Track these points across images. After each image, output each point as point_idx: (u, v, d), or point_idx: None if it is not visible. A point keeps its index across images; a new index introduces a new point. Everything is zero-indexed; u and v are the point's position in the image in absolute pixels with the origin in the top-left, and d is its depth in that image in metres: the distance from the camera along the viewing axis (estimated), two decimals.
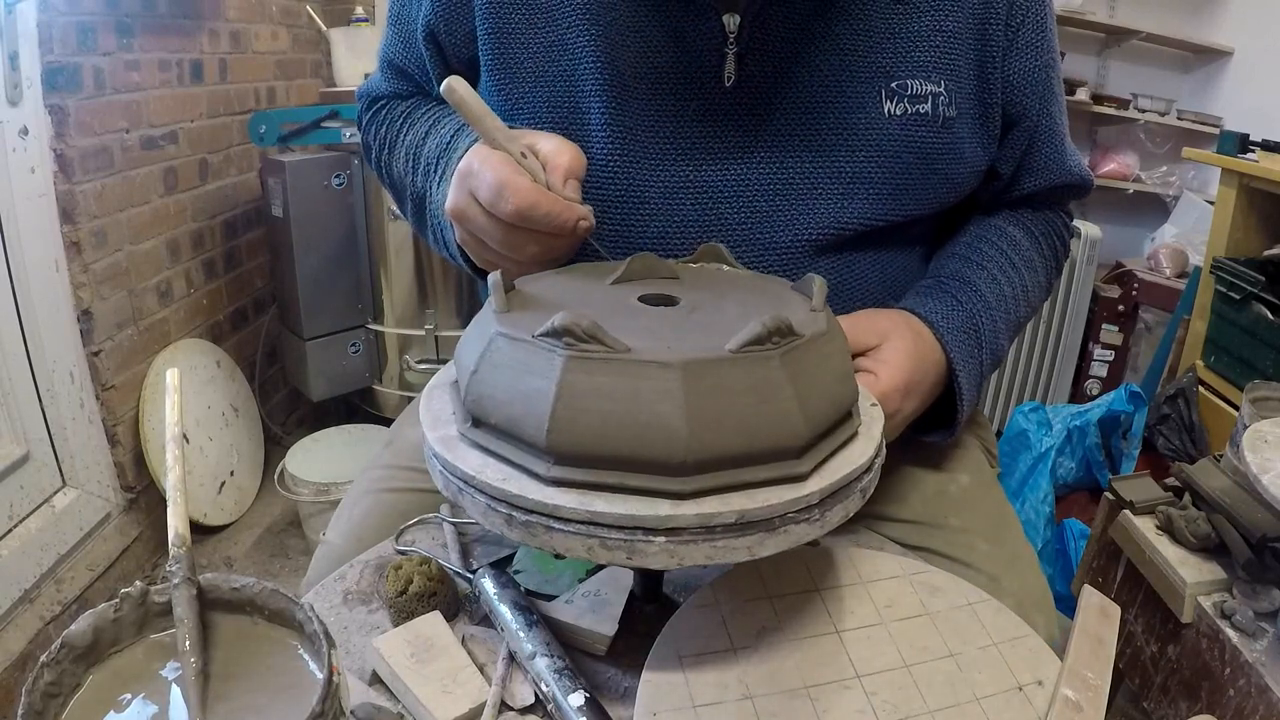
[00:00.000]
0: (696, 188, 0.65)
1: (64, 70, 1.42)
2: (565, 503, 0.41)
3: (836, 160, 0.65)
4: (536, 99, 0.66)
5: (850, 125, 0.64)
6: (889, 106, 0.64)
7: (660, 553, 0.41)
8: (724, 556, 0.42)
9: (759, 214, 0.65)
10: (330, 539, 0.72)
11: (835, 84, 0.64)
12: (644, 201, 0.65)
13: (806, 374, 0.44)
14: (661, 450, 0.41)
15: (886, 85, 0.64)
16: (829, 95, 0.64)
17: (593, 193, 0.63)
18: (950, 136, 0.66)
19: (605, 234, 0.64)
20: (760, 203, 0.65)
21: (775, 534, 0.42)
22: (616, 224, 0.65)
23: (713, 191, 0.65)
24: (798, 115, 0.64)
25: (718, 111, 0.63)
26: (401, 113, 0.77)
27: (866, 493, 0.47)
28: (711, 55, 0.62)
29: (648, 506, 0.41)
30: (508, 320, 0.46)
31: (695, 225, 0.65)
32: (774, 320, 0.43)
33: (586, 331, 0.42)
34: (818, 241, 0.66)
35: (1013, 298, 0.71)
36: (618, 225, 0.65)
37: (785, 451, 0.43)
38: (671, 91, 0.63)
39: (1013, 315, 0.71)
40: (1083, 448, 1.66)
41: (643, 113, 0.64)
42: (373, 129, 0.80)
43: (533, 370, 0.43)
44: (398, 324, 1.97)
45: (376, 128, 0.79)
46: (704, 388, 0.41)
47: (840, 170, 0.65)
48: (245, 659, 0.42)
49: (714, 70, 0.63)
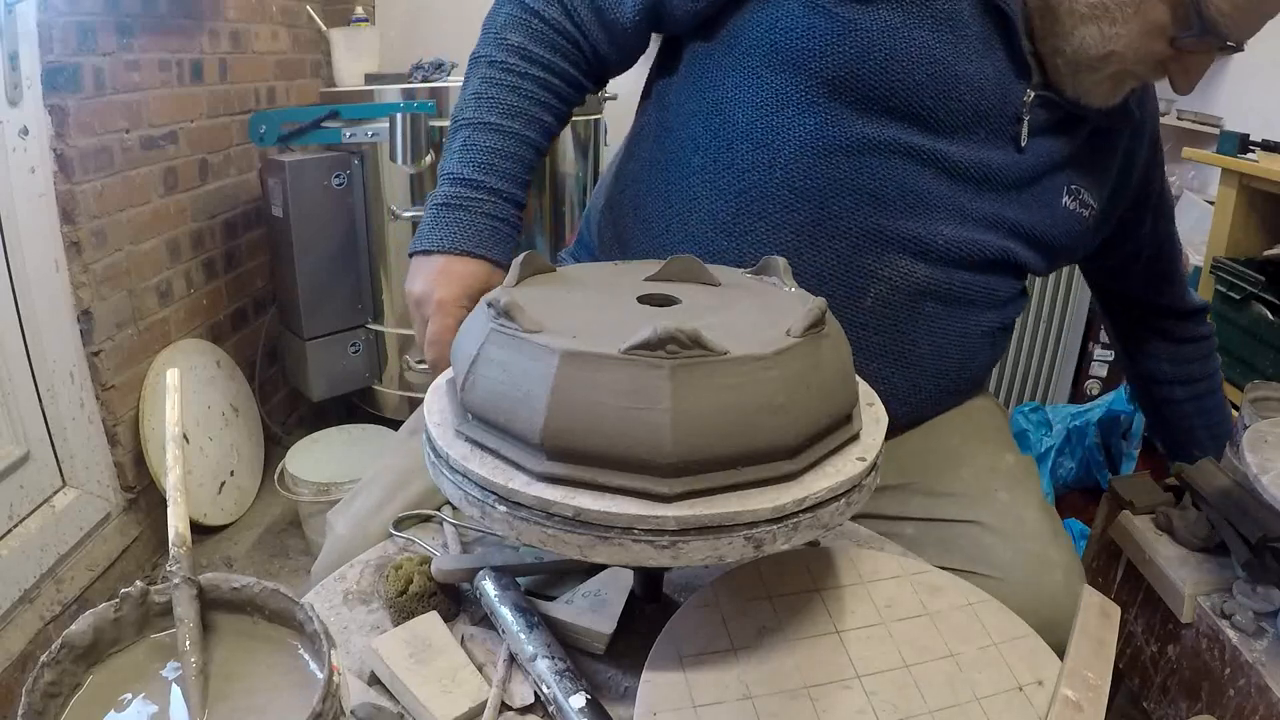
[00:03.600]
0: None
1: (64, 70, 1.41)
2: (554, 498, 0.41)
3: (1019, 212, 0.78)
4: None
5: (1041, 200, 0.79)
6: (1066, 200, 0.80)
7: (649, 551, 0.41)
8: (718, 557, 0.42)
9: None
10: (337, 529, 0.73)
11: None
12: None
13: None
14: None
15: (1069, 185, 0.80)
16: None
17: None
18: (1091, 224, 0.84)
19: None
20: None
21: (768, 534, 0.42)
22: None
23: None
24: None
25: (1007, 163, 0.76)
26: (517, 82, 0.74)
27: (866, 492, 0.47)
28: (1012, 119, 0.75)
29: (635, 505, 0.41)
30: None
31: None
32: (667, 330, 0.43)
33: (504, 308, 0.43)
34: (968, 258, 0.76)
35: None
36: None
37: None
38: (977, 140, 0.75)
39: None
40: (1082, 448, 1.66)
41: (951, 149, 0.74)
42: (498, 37, 0.75)
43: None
44: (398, 324, 1.97)
45: (499, 46, 0.74)
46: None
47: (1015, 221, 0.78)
48: (245, 659, 0.42)
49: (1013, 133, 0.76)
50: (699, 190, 0.76)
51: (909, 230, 0.73)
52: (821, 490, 0.44)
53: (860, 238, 0.72)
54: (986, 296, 0.79)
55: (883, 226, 0.72)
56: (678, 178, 0.77)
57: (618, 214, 0.85)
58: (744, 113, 0.74)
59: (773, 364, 0.43)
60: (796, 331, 0.45)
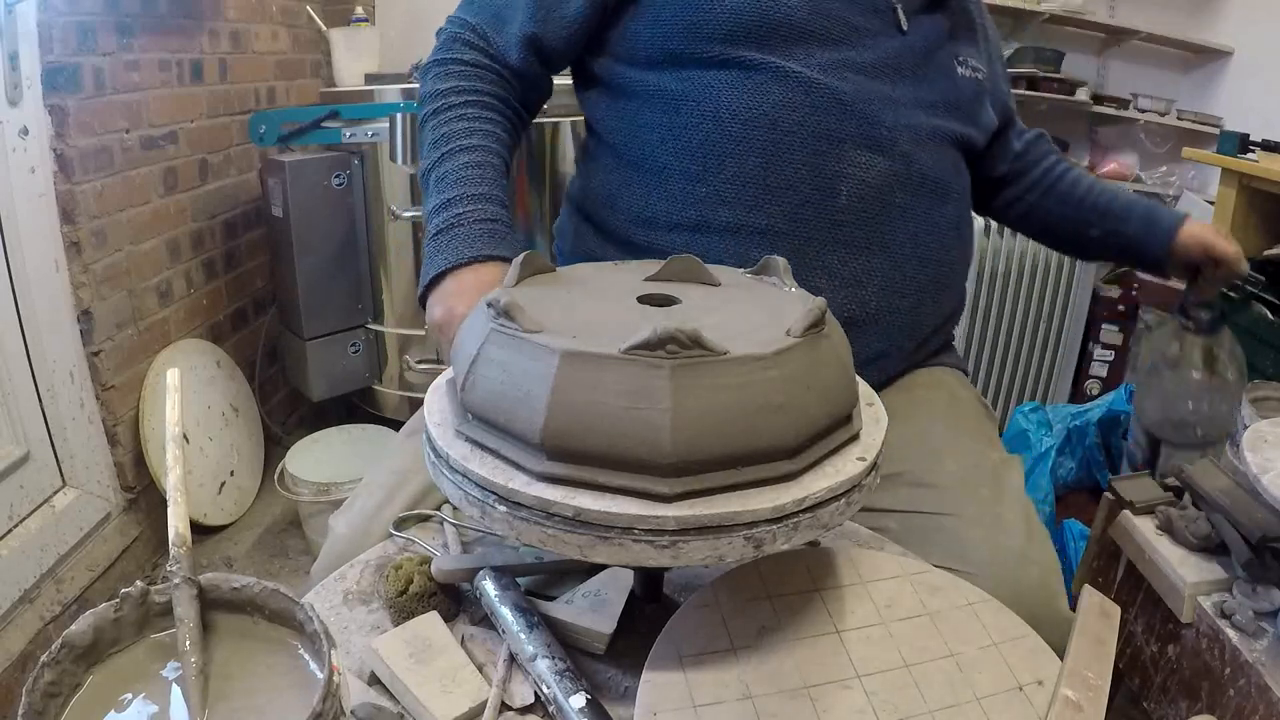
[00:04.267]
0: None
1: (64, 70, 1.41)
2: (554, 498, 0.41)
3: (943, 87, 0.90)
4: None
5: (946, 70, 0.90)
6: (961, 70, 0.91)
7: (649, 551, 0.41)
8: (717, 557, 0.42)
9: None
10: (338, 529, 0.73)
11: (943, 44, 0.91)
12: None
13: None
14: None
15: (956, 57, 0.91)
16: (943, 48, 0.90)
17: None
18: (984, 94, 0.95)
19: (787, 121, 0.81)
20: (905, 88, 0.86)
21: (768, 534, 0.42)
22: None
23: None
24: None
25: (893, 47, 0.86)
26: (460, 111, 0.82)
27: (866, 492, 0.47)
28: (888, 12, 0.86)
29: (635, 505, 0.41)
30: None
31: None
32: (666, 331, 0.43)
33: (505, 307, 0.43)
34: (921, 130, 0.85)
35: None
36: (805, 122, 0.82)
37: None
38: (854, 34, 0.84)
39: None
40: (1083, 448, 1.66)
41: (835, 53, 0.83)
42: (437, 92, 0.84)
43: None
44: (398, 324, 1.97)
45: (441, 98, 0.83)
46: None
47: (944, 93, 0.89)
48: (245, 659, 0.42)
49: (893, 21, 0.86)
50: (666, 160, 0.83)
51: (854, 130, 0.81)
52: (821, 490, 0.44)
53: (816, 145, 0.80)
54: (943, 185, 0.87)
55: (831, 130, 0.81)
56: (640, 159, 0.85)
57: (590, 202, 0.91)
58: (675, 88, 0.82)
59: (773, 364, 0.43)
60: (796, 331, 0.45)
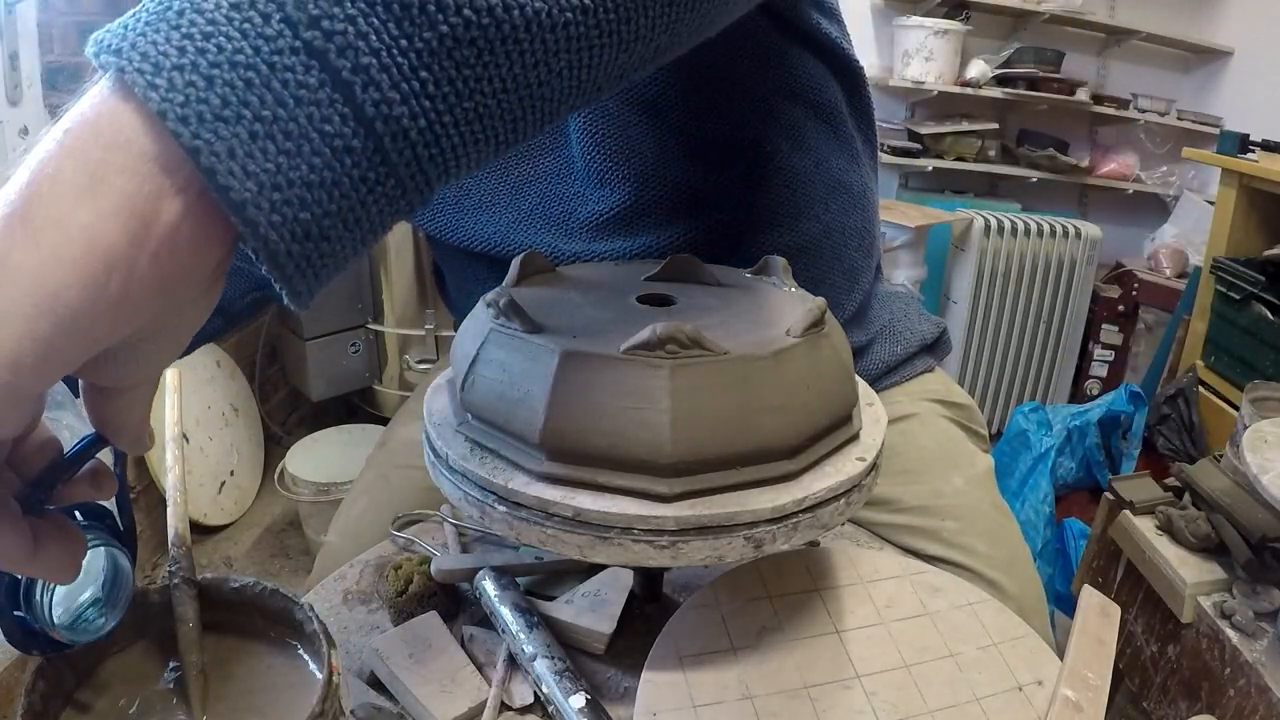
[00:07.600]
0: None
1: (64, 70, 1.41)
2: (554, 498, 0.41)
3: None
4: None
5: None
6: None
7: (648, 551, 0.41)
8: (717, 557, 0.42)
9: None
10: (330, 539, 0.73)
11: None
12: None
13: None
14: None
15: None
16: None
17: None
18: None
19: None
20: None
21: (768, 534, 0.42)
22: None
23: None
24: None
25: None
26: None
27: (866, 492, 0.47)
28: None
29: (635, 505, 0.41)
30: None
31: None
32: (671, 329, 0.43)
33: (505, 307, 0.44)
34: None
35: None
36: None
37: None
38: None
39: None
40: (1083, 448, 1.66)
41: None
42: None
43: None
44: (398, 324, 1.97)
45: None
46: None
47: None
48: (245, 659, 0.42)
49: None
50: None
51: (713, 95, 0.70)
52: (821, 490, 0.44)
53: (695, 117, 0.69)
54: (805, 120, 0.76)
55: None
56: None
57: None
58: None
59: (773, 364, 0.43)
60: (796, 331, 0.45)
